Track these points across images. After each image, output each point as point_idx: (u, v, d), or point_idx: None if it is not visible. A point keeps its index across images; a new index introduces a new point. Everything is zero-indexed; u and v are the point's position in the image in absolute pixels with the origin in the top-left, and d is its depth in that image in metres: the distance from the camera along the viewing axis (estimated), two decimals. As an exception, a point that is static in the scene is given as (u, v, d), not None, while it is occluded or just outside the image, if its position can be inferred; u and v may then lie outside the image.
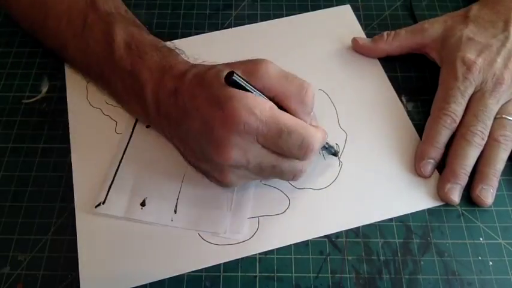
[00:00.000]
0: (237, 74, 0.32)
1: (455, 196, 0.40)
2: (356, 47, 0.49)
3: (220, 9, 0.53)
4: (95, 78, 0.44)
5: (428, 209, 0.40)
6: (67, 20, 0.43)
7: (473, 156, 0.40)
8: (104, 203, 0.39)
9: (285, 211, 0.40)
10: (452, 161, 0.40)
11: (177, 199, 0.40)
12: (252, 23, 0.52)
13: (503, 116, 0.42)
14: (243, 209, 0.39)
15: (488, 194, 0.40)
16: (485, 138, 0.41)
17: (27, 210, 0.40)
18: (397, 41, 0.47)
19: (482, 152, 0.41)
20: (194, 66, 0.38)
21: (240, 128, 0.32)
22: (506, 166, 0.41)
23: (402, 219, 0.39)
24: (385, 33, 0.48)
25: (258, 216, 0.39)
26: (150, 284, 0.36)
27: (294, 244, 0.38)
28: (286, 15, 0.52)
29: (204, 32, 0.51)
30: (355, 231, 0.39)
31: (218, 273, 0.37)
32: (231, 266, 0.37)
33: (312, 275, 0.37)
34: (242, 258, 0.38)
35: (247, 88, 0.32)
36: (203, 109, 0.33)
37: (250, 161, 0.34)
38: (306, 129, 0.33)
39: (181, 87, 0.36)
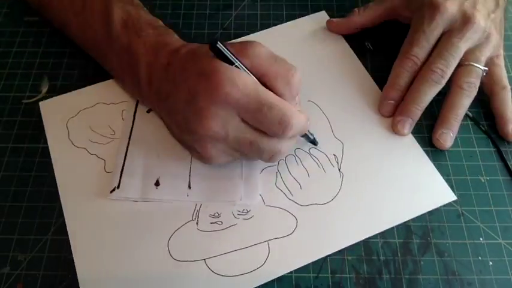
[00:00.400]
0: (221, 43, 0.33)
1: (405, 129, 0.42)
2: (331, 27, 0.50)
3: (220, 9, 0.53)
4: (95, 55, 0.46)
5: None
6: (69, 1, 0.44)
7: (428, 94, 0.41)
8: (118, 187, 0.40)
9: (294, 231, 0.38)
10: (407, 97, 0.42)
11: (189, 175, 0.40)
12: (252, 23, 0.52)
13: (471, 63, 0.42)
14: (253, 177, 0.41)
15: (447, 137, 0.41)
16: (445, 77, 0.41)
17: (27, 210, 0.40)
18: (368, 11, 0.48)
19: (445, 98, 0.42)
20: (189, 44, 0.39)
21: (221, 99, 0.33)
22: (505, 166, 0.42)
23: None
24: (355, 8, 0.49)
25: (267, 241, 0.38)
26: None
27: (294, 244, 0.38)
28: (286, 15, 0.52)
29: (204, 32, 0.51)
30: (355, 231, 0.39)
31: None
32: (231, 266, 0.37)
33: (312, 275, 0.37)
34: (242, 258, 0.38)
35: (232, 59, 0.34)
36: (190, 80, 0.35)
37: (229, 133, 0.35)
38: (286, 107, 0.34)
39: (173, 61, 0.37)
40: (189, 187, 0.40)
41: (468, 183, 0.41)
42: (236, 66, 0.34)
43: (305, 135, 0.41)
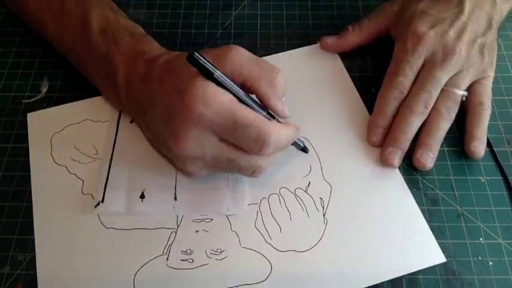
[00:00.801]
0: (199, 54, 0.32)
1: (395, 160, 0.41)
2: (325, 46, 0.49)
3: (220, 9, 0.53)
4: (73, 62, 0.45)
5: (429, 210, 0.40)
6: (47, 4, 0.44)
7: (414, 124, 0.41)
8: (102, 201, 0.39)
9: (267, 278, 0.36)
10: (395, 128, 0.42)
11: (175, 186, 0.40)
12: (252, 23, 0.52)
13: (450, 88, 0.42)
14: (240, 186, 0.40)
15: (427, 157, 0.41)
16: (429, 107, 0.41)
17: (27, 210, 0.40)
18: (364, 30, 0.48)
19: (424, 122, 0.42)
20: (167, 52, 0.39)
21: (195, 119, 0.32)
22: (505, 166, 0.42)
23: (402, 219, 0.39)
24: (349, 26, 0.48)
25: (236, 286, 0.36)
26: None
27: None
28: (286, 15, 0.52)
29: (204, 32, 0.51)
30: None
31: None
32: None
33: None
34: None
35: (211, 70, 0.32)
36: (167, 96, 0.34)
37: (206, 152, 0.34)
38: (263, 123, 0.33)
39: (151, 72, 0.37)
40: (175, 199, 0.39)
41: (468, 183, 0.41)
42: (215, 77, 0.32)
43: (294, 143, 0.40)
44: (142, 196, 0.39)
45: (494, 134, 0.44)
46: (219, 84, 0.33)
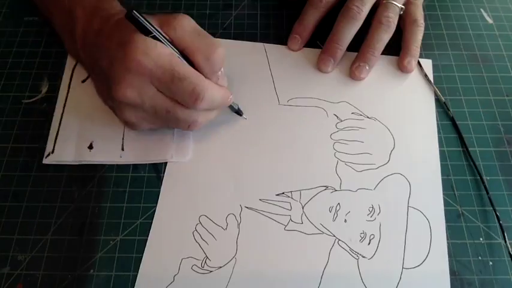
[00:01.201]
0: (137, 13, 0.34)
1: (327, 66, 0.45)
2: (294, 45, 0.49)
3: (220, 9, 0.53)
4: (43, 13, 0.49)
5: (428, 209, 0.40)
6: None
7: (346, 31, 0.44)
8: (52, 152, 0.41)
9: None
10: (330, 36, 0.45)
11: (123, 138, 0.42)
12: (252, 23, 0.52)
13: (389, 0, 0.45)
14: (185, 136, 0.42)
15: (363, 70, 0.44)
16: (362, 13, 0.44)
17: (27, 210, 0.40)
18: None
19: (366, 34, 0.45)
20: (123, 12, 0.40)
21: (134, 67, 0.34)
22: (505, 166, 0.42)
23: (402, 219, 0.39)
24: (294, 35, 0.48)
25: None
26: None
27: (294, 244, 0.38)
28: (285, 16, 0.52)
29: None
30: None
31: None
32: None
33: (312, 275, 0.37)
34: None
35: (149, 29, 0.35)
36: (111, 49, 0.36)
37: (144, 101, 0.36)
38: (198, 79, 0.36)
39: (104, 28, 0.38)
40: (122, 149, 0.42)
41: (468, 183, 0.41)
42: (153, 36, 0.35)
43: (230, 107, 0.42)
44: (90, 146, 0.42)
45: (494, 134, 0.44)
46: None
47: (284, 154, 0.42)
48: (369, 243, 0.38)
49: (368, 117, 0.44)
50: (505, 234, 0.38)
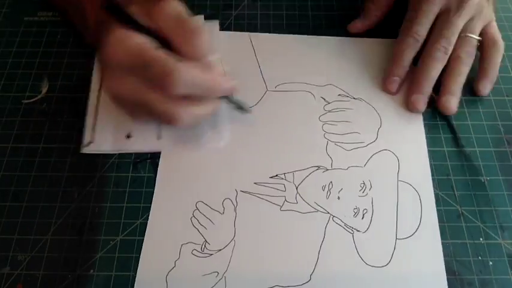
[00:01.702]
0: (114, 3, 0.35)
1: (420, 105, 0.44)
2: (354, 29, 0.50)
3: (220, 9, 0.53)
4: (58, 9, 0.50)
5: (428, 209, 0.40)
6: None
7: (436, 69, 0.44)
8: (92, 142, 0.42)
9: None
10: (418, 75, 0.44)
11: (160, 127, 0.43)
12: (252, 23, 0.52)
13: (467, 34, 0.44)
14: (221, 122, 0.43)
15: (452, 101, 0.44)
16: (448, 53, 0.44)
17: (27, 210, 0.40)
18: (372, 12, 0.49)
19: (446, 67, 0.44)
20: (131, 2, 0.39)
21: (108, 61, 0.35)
22: (505, 166, 0.42)
23: (402, 219, 0.39)
24: (367, 3, 0.49)
25: None
26: None
27: (294, 244, 0.38)
28: (285, 15, 0.52)
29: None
30: (355, 231, 0.39)
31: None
32: (231, 266, 0.37)
33: (312, 275, 0.37)
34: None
35: (128, 19, 0.35)
36: (103, 39, 0.36)
37: (126, 93, 0.37)
38: (168, 60, 0.34)
39: (107, 18, 0.38)
40: (160, 137, 0.43)
41: (468, 183, 0.41)
42: (133, 27, 0.35)
43: (228, 99, 0.41)
44: (128, 136, 0.43)
45: (494, 134, 0.44)
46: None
47: (275, 138, 0.43)
48: (362, 218, 0.39)
49: (354, 98, 0.46)
50: (504, 235, 0.38)
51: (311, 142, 0.43)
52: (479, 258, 0.38)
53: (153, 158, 0.42)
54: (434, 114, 0.45)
